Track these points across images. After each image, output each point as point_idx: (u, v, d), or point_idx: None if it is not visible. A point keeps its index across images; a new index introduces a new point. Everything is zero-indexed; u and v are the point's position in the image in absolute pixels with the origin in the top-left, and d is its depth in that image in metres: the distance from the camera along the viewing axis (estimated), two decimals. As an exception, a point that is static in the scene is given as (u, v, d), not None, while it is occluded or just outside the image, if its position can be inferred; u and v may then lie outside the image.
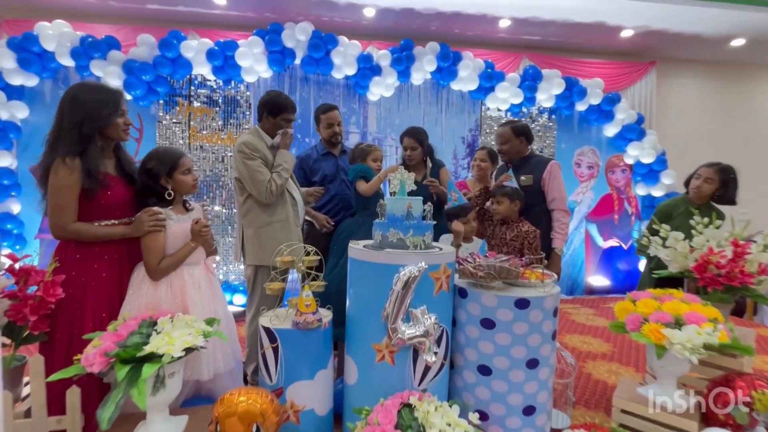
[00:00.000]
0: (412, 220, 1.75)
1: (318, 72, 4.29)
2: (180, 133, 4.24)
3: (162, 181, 1.81)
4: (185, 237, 1.84)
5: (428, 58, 4.29)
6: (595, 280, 5.05)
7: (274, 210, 2.23)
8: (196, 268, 1.87)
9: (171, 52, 3.87)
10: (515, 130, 2.56)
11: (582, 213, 5.04)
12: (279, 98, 2.28)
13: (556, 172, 2.48)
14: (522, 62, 4.80)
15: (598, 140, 4.99)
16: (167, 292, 1.78)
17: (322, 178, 2.78)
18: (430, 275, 1.68)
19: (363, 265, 1.73)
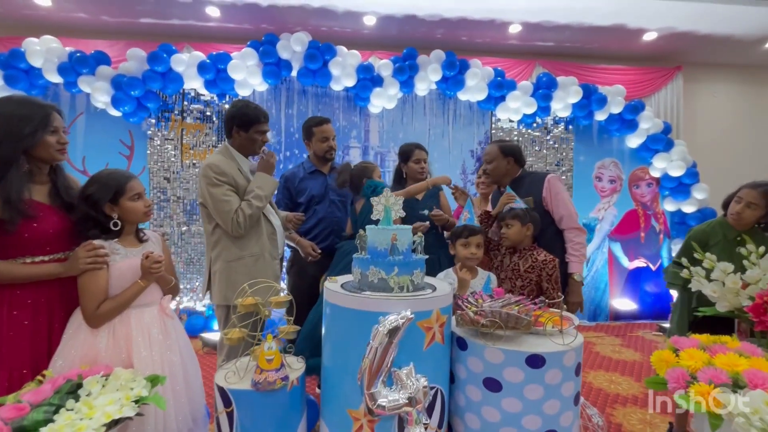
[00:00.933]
0: (398, 255, 1.48)
1: (315, 84, 4.16)
2: (172, 150, 4.10)
3: (106, 209, 1.55)
4: (135, 274, 1.58)
5: (433, 66, 4.10)
6: (621, 304, 4.74)
7: (246, 242, 2.00)
8: (148, 310, 1.61)
9: (161, 66, 3.73)
10: (503, 149, 2.35)
11: (604, 231, 4.78)
12: (247, 108, 2.07)
13: (556, 187, 2.27)
14: (535, 70, 4.59)
15: (620, 152, 4.74)
16: (108, 341, 1.52)
17: (308, 199, 2.59)
18: (420, 324, 1.41)
19: (338, 311, 1.48)
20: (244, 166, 2.12)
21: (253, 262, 1.99)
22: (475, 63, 4.23)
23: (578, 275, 2.21)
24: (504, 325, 1.42)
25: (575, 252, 2.22)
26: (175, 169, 4.09)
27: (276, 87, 4.19)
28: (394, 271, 1.46)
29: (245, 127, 2.06)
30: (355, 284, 1.56)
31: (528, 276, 2.06)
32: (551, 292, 2.00)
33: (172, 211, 4.08)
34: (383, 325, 1.32)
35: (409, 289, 1.47)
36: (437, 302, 1.45)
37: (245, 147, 2.10)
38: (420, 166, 2.59)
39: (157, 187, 4.06)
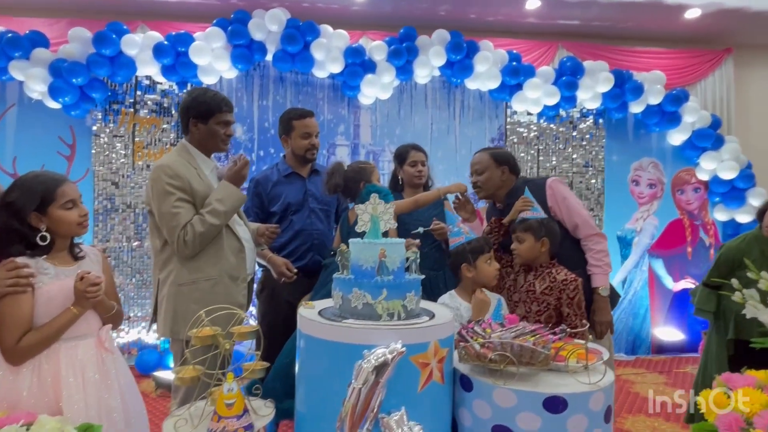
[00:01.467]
0: (387, 274, 1.47)
1: (295, 70, 4.17)
2: (122, 149, 4.10)
3: (32, 220, 1.53)
4: (67, 299, 1.55)
5: (435, 49, 4.13)
6: (665, 334, 4.73)
7: (202, 262, 1.97)
8: (82, 344, 1.59)
9: (109, 49, 3.75)
10: (496, 157, 2.38)
11: (643, 245, 4.77)
12: (205, 96, 2.07)
13: (560, 191, 2.29)
14: (557, 53, 4.62)
15: (660, 150, 4.75)
16: (32, 381, 1.49)
17: (284, 208, 2.58)
18: (414, 360, 1.39)
19: (314, 344, 1.46)
20: (206, 167, 2.11)
21: (210, 287, 1.96)
22: (486, 45, 4.26)
23: (604, 289, 2.22)
24: (517, 360, 1.40)
25: (597, 262, 2.23)
26: (125, 172, 4.08)
27: (247, 74, 4.20)
28: (382, 295, 1.44)
29: (203, 118, 2.05)
30: (336, 311, 1.54)
31: (545, 299, 2.05)
32: (573, 318, 1.99)
33: (121, 222, 4.06)
34: (368, 361, 1.30)
35: (400, 317, 1.45)
36: (435, 332, 1.43)
37: (206, 143, 2.09)
38: (417, 170, 2.61)
39: (103, 193, 4.05)
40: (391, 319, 1.44)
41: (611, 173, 4.69)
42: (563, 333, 1.52)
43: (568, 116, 4.63)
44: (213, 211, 1.96)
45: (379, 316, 1.44)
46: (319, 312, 1.55)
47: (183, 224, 1.91)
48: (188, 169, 2.00)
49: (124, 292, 4.04)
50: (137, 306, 4.07)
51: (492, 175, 2.36)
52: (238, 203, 2.05)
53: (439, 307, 1.71)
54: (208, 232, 1.94)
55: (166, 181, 1.92)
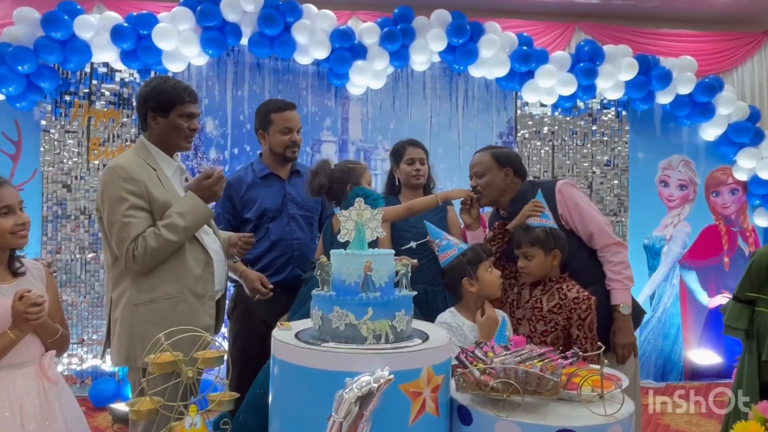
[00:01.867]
0: (373, 290, 1.47)
1: (274, 56, 4.19)
2: (75, 146, 4.10)
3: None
4: (4, 322, 1.56)
5: (435, 32, 4.15)
6: (700, 357, 4.72)
7: (161, 278, 1.96)
8: (21, 373, 1.60)
9: (60, 32, 3.75)
10: (498, 158, 2.39)
11: (674, 255, 4.79)
12: (165, 85, 2.07)
13: (572, 196, 2.30)
14: (574, 36, 4.65)
15: (692, 147, 4.78)
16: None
17: (259, 214, 2.60)
18: (404, 389, 1.38)
19: (289, 371, 1.46)
20: (168, 168, 2.11)
21: (171, 306, 1.95)
22: (493, 27, 4.28)
23: (625, 306, 2.21)
24: (522, 388, 1.40)
25: (617, 275, 2.23)
26: (79, 173, 4.08)
27: (220, 60, 4.22)
28: (368, 314, 1.44)
29: (163, 110, 2.05)
30: (314, 332, 1.54)
31: (553, 318, 2.06)
32: (583, 341, 1.99)
33: (74, 231, 4.05)
34: (351, 390, 1.30)
35: (388, 339, 1.45)
36: (429, 357, 1.42)
37: (167, 139, 2.09)
38: (414, 168, 2.64)
39: (52, 197, 4.04)
40: (378, 341, 1.44)
41: (636, 173, 4.70)
42: (575, 357, 1.52)
43: (587, 108, 4.65)
44: (171, 225, 1.94)
45: (364, 339, 1.43)
46: (295, 334, 1.55)
47: (134, 236, 1.90)
48: (146, 171, 2.00)
49: (77, 311, 4.03)
50: (92, 328, 4.05)
51: (494, 179, 2.37)
52: (202, 219, 2.04)
53: (434, 327, 1.71)
54: (163, 248, 1.93)
55: (120, 184, 1.92)
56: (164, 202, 1.99)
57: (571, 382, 1.50)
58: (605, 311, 2.21)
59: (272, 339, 1.55)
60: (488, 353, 1.55)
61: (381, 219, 1.60)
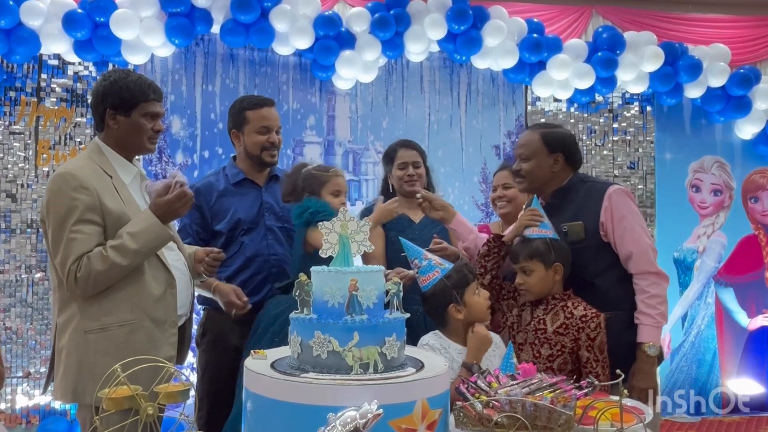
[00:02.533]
0: (360, 313, 1.48)
1: (250, 46, 4.22)
2: (21, 149, 4.11)
3: None
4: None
5: (433, 17, 4.19)
6: (739, 386, 4.73)
7: (116, 300, 1.97)
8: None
9: (4, 20, 3.76)
10: (548, 140, 2.38)
11: (708, 270, 4.82)
12: (126, 80, 2.09)
13: (621, 206, 2.28)
14: (591, 21, 4.70)
15: (727, 146, 4.83)
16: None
17: (232, 226, 2.63)
18: (395, 425, 1.39)
19: (265, 406, 1.46)
20: (126, 175, 2.12)
21: (125, 334, 1.96)
22: (499, 12, 4.34)
23: (652, 346, 2.19)
24: (531, 423, 1.41)
25: (650, 310, 2.21)
26: (25, 181, 4.09)
27: (188, 51, 4.24)
28: (354, 340, 1.44)
29: (125, 109, 2.06)
30: (293, 361, 1.54)
31: (559, 340, 2.09)
32: (594, 364, 2.03)
33: (19, 247, 4.06)
34: (334, 428, 1.29)
35: (377, 368, 1.46)
36: (424, 388, 1.43)
37: (127, 142, 2.11)
38: (406, 173, 2.69)
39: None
40: (365, 371, 1.45)
41: (664, 176, 4.73)
42: (591, 387, 1.53)
43: (607, 103, 4.70)
44: (120, 247, 1.94)
45: (350, 368, 1.44)
46: (271, 364, 1.56)
47: (78, 255, 1.90)
48: (101, 179, 2.01)
49: (22, 339, 4.01)
50: (39, 359, 4.03)
51: (540, 164, 2.36)
52: (158, 242, 2.02)
53: (431, 355, 1.72)
54: (109, 273, 1.92)
55: (68, 194, 1.93)
56: (119, 215, 2.00)
57: (586, 416, 1.51)
58: (622, 341, 2.21)
59: (244, 369, 1.56)
60: (492, 383, 1.56)
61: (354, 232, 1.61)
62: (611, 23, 4.65)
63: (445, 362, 1.62)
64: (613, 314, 2.19)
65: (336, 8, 4.31)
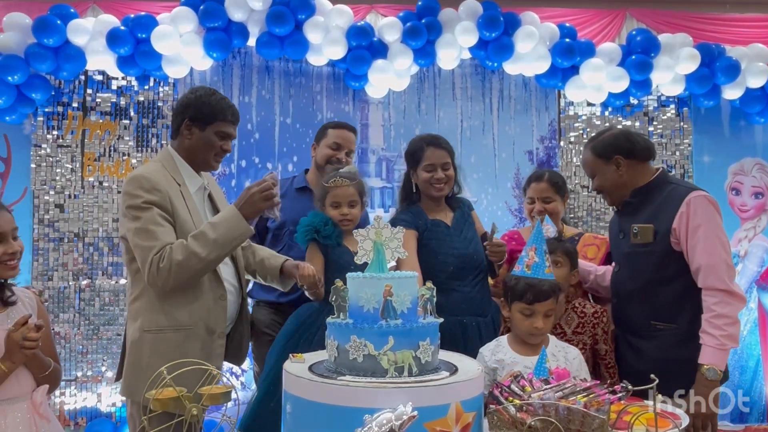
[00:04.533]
0: (394, 318, 1.50)
1: (285, 57, 4.27)
2: (68, 161, 4.23)
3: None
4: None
5: (464, 25, 4.19)
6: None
7: (175, 305, 2.03)
8: (12, 409, 1.69)
9: (53, 38, 3.90)
10: (598, 150, 2.36)
11: (751, 275, 4.71)
12: (210, 97, 2.18)
13: (698, 214, 2.15)
14: (624, 24, 4.65)
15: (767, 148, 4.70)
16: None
17: (279, 225, 2.77)
18: (430, 428, 1.41)
19: (303, 408, 1.50)
20: (192, 185, 2.19)
21: (181, 339, 2.02)
22: (530, 17, 4.32)
23: (710, 370, 2.06)
24: (564, 427, 1.42)
25: (712, 330, 2.07)
26: (73, 192, 4.21)
27: (225, 63, 4.32)
28: (389, 344, 1.47)
29: (202, 122, 2.14)
30: (330, 365, 1.57)
31: (580, 339, 2.14)
32: (611, 355, 2.08)
33: (67, 255, 4.18)
34: (370, 429, 1.32)
35: (412, 372, 1.48)
36: (458, 392, 1.45)
37: (196, 154, 2.19)
38: (434, 176, 2.50)
39: (44, 219, 4.18)
40: (400, 374, 1.47)
41: (702, 179, 4.61)
42: (626, 392, 1.53)
43: (642, 106, 4.64)
44: (200, 235, 1.98)
45: (385, 371, 1.47)
46: (309, 367, 1.60)
47: (161, 245, 1.95)
48: (170, 185, 2.07)
49: (70, 345, 4.13)
50: (85, 362, 4.14)
51: (605, 175, 2.34)
52: (237, 233, 2.03)
53: (464, 358, 1.73)
54: (188, 264, 1.95)
55: (142, 194, 1.99)
56: (185, 220, 2.06)
57: (620, 420, 1.51)
58: (673, 356, 2.14)
59: (284, 373, 1.59)
60: (526, 387, 1.57)
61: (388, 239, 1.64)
62: (645, 26, 4.60)
63: (479, 366, 1.63)
64: (668, 326, 2.15)
65: (368, 18, 4.34)
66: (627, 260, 2.28)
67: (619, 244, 2.34)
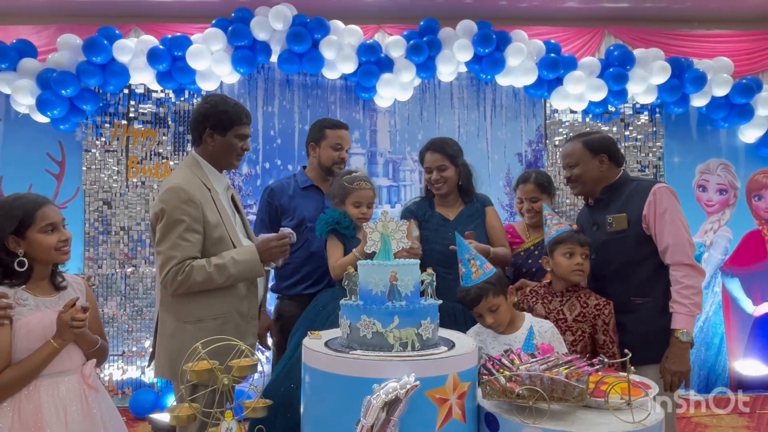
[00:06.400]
0: (399, 300, 1.52)
1: (303, 72, 4.30)
2: (114, 164, 4.29)
3: (9, 244, 1.64)
4: (47, 332, 1.65)
5: (461, 42, 4.19)
6: (746, 368, 4.59)
7: (212, 296, 2.02)
8: (64, 381, 1.70)
9: (100, 56, 3.94)
10: (590, 145, 2.34)
11: (715, 262, 4.69)
12: (226, 105, 2.15)
13: (664, 202, 2.21)
14: (603, 40, 4.63)
15: (731, 150, 4.69)
16: (13, 420, 1.60)
17: (297, 224, 2.67)
18: (430, 395, 1.42)
19: (320, 378, 1.52)
20: (219, 185, 2.19)
21: (218, 325, 2.01)
22: (520, 35, 4.30)
23: (685, 333, 2.12)
24: (548, 395, 1.42)
25: (684, 300, 2.13)
26: (118, 190, 4.26)
27: (250, 77, 4.35)
28: (394, 322, 1.48)
29: (222, 129, 2.13)
30: (343, 341, 1.59)
31: (579, 327, 2.09)
32: (610, 346, 2.02)
33: (114, 246, 4.22)
34: (378, 397, 1.34)
35: (414, 346, 1.49)
36: (455, 364, 1.46)
37: (219, 157, 2.17)
38: (431, 178, 2.55)
39: (94, 214, 4.22)
40: (404, 349, 1.48)
41: (673, 178, 4.60)
42: (602, 364, 1.52)
43: (619, 113, 4.61)
44: (222, 267, 1.97)
45: (391, 346, 1.48)
46: (325, 343, 1.61)
47: (182, 259, 1.95)
48: (203, 192, 2.06)
49: (117, 323, 4.17)
50: (131, 339, 4.19)
51: (588, 168, 2.33)
52: (251, 275, 2.08)
53: (460, 336, 1.73)
54: (203, 285, 1.97)
55: (179, 205, 1.97)
56: (215, 224, 2.05)
57: (598, 389, 1.51)
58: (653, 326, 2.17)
59: (303, 348, 1.61)
60: (514, 360, 1.57)
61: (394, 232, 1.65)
62: (622, 42, 4.57)
63: (473, 342, 1.63)
64: (645, 300, 2.17)
65: (376, 37, 4.35)
66: (604, 247, 2.28)
67: (594, 234, 2.34)
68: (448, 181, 2.56)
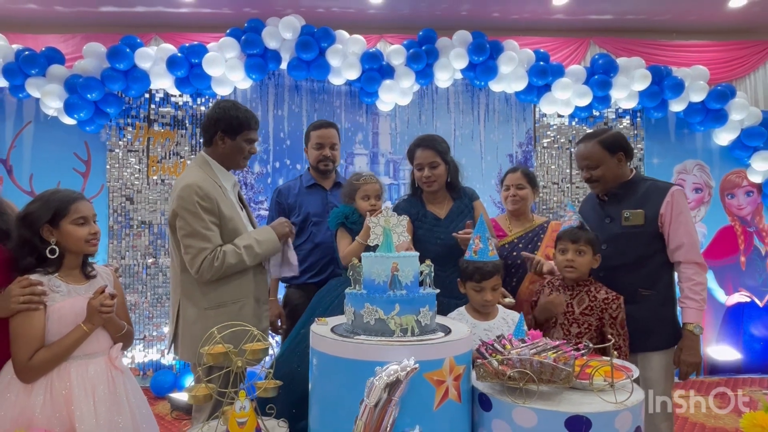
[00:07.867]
0: (399, 289, 1.52)
1: (310, 78, 4.31)
2: (136, 163, 4.28)
3: (43, 232, 1.65)
4: (78, 317, 1.66)
5: (457, 51, 4.19)
6: (718, 353, 4.60)
7: (230, 283, 2.03)
8: (93, 362, 1.70)
9: (123, 63, 3.94)
10: (607, 144, 2.23)
11: (690, 255, 4.63)
12: (236, 111, 2.14)
13: (680, 205, 2.16)
14: (589, 50, 4.64)
15: (706, 151, 4.69)
16: (45, 399, 1.59)
17: (303, 219, 2.68)
18: (428, 377, 1.43)
19: (326, 361, 1.52)
20: (227, 183, 2.18)
21: (237, 310, 2.02)
22: (511, 45, 4.30)
23: (697, 326, 2.10)
24: (537, 377, 1.42)
25: (695, 295, 2.10)
26: (140, 187, 4.26)
27: (262, 83, 4.35)
28: (395, 310, 1.49)
29: (232, 133, 2.12)
30: (348, 327, 1.59)
31: (586, 320, 2.03)
32: (617, 339, 1.96)
33: (136, 239, 4.22)
34: (380, 378, 1.34)
35: (414, 332, 1.49)
36: (451, 348, 1.46)
37: (228, 158, 2.17)
38: (423, 175, 2.38)
39: (118, 209, 4.22)
40: (405, 334, 1.49)
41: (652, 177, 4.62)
42: (587, 349, 1.52)
43: (603, 117, 4.61)
44: (250, 248, 2.02)
45: (392, 332, 1.48)
46: (331, 328, 1.61)
47: (212, 248, 1.96)
48: (215, 189, 2.06)
49: (139, 310, 4.18)
50: (151, 325, 4.20)
51: (609, 168, 2.23)
52: (273, 251, 2.15)
53: (456, 323, 1.74)
54: (236, 266, 2.00)
55: (197, 201, 1.97)
56: (229, 217, 2.05)
57: (583, 372, 1.51)
58: (657, 315, 2.14)
59: (311, 333, 1.61)
60: (506, 345, 1.57)
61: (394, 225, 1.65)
62: (606, 51, 4.57)
63: (468, 329, 1.64)
64: (650, 292, 2.14)
65: (378, 45, 4.35)
66: (616, 240, 2.22)
67: (607, 227, 2.26)
68: (440, 178, 2.42)
